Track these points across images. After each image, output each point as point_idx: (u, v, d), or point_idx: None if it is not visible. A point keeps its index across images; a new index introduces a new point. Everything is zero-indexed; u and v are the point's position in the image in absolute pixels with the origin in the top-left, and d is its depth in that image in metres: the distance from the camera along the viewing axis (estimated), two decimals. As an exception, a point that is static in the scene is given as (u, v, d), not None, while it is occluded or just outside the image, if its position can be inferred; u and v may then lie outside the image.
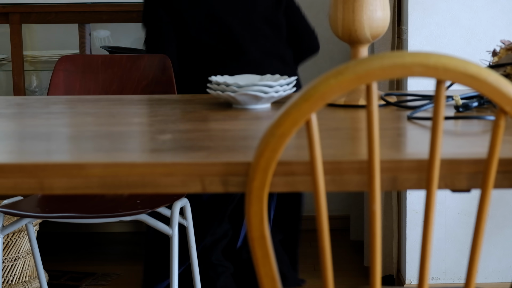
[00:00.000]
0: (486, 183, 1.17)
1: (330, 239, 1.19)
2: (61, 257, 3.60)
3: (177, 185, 1.26)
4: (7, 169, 1.26)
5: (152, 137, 1.53)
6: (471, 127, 1.56)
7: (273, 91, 1.76)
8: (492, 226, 2.98)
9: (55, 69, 2.67)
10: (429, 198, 1.17)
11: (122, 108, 1.85)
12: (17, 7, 3.47)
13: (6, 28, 3.51)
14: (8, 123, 1.71)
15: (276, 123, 1.16)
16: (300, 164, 1.24)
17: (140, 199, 2.38)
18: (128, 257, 3.65)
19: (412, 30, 2.95)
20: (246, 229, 1.22)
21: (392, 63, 1.12)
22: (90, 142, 1.48)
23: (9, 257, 3.01)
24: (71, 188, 1.26)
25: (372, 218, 1.17)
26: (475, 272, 1.20)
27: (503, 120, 1.15)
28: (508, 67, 1.76)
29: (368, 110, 1.15)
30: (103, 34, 3.91)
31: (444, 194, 2.91)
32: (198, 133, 1.55)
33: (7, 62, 3.70)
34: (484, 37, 2.94)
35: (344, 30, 1.75)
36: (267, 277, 1.22)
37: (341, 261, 3.44)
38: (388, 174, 1.23)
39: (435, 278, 3.03)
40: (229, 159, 1.28)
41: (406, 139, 1.52)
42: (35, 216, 2.35)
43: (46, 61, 3.70)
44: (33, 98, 2.08)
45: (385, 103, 1.76)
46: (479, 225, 1.18)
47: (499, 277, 3.03)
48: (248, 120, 1.66)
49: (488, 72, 1.13)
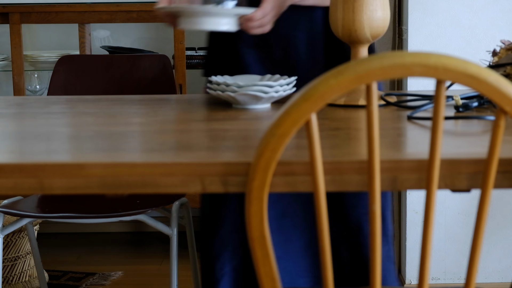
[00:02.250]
0: (486, 183, 1.17)
1: (330, 239, 1.19)
2: (61, 257, 3.60)
3: (177, 185, 1.25)
4: (7, 169, 1.26)
5: (152, 137, 1.53)
6: (471, 127, 1.56)
7: (273, 91, 1.76)
8: (492, 226, 2.99)
9: (55, 69, 2.68)
10: (429, 198, 1.17)
11: (122, 108, 1.85)
12: (17, 7, 3.47)
13: (6, 28, 3.51)
14: (8, 123, 1.71)
15: (276, 123, 1.16)
16: (300, 164, 1.24)
17: (140, 199, 2.38)
18: (128, 257, 3.65)
19: (412, 30, 2.95)
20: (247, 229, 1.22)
21: (392, 63, 1.12)
22: (90, 142, 1.48)
23: (9, 257, 3.01)
24: (71, 188, 1.26)
25: (372, 218, 1.17)
26: (475, 272, 1.20)
27: (503, 120, 1.15)
28: (508, 67, 1.76)
29: (368, 110, 1.15)
30: (103, 34, 3.92)
31: (444, 194, 2.91)
32: (198, 133, 1.55)
33: (7, 62, 3.70)
34: (484, 37, 2.94)
35: (344, 30, 1.75)
36: (267, 277, 1.22)
37: (341, 261, 3.44)
38: (388, 174, 1.23)
39: (435, 278, 3.03)
40: (229, 159, 1.28)
41: (406, 139, 1.52)
42: (35, 216, 2.35)
43: (46, 61, 3.71)
44: (33, 98, 2.08)
45: (385, 103, 1.76)
46: (479, 225, 1.18)
47: (499, 277, 3.04)
48: (248, 120, 1.66)
49: (488, 72, 1.13)
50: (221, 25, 1.81)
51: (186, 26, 1.82)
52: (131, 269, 3.42)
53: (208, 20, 1.81)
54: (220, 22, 1.81)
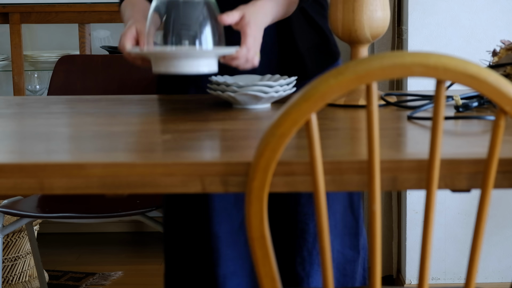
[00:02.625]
0: (486, 183, 1.17)
1: (330, 239, 1.19)
2: (61, 257, 3.60)
3: (177, 185, 1.25)
4: (7, 169, 1.26)
5: (152, 137, 1.53)
6: (471, 127, 1.56)
7: (273, 91, 1.76)
8: (492, 226, 2.99)
9: (55, 69, 2.68)
10: (429, 198, 1.17)
11: (122, 108, 1.85)
12: (17, 7, 3.47)
13: (6, 28, 3.51)
14: (8, 123, 1.71)
15: (276, 123, 1.16)
16: (300, 164, 1.24)
17: (140, 199, 2.38)
18: (128, 257, 3.65)
19: (412, 30, 2.95)
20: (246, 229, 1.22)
21: (392, 63, 1.12)
22: (90, 142, 1.48)
23: (9, 257, 3.01)
24: (71, 188, 1.26)
25: (372, 218, 1.17)
26: (475, 272, 1.20)
27: (503, 120, 1.15)
28: (508, 67, 1.76)
29: (368, 110, 1.15)
30: (103, 34, 3.92)
31: (444, 194, 2.91)
32: (198, 133, 1.55)
33: (7, 62, 3.70)
34: (484, 37, 2.94)
35: (344, 30, 1.75)
36: (267, 277, 1.22)
37: (341, 261, 3.44)
38: (388, 174, 1.23)
39: (435, 278, 3.03)
40: (229, 159, 1.28)
41: (406, 139, 1.52)
42: (35, 216, 2.35)
43: (46, 61, 3.71)
44: (33, 98, 2.08)
45: (385, 103, 1.76)
46: (479, 225, 1.19)
47: (499, 277, 3.04)
48: (248, 120, 1.66)
49: (488, 72, 1.13)
50: (201, 66, 1.64)
51: (161, 70, 1.65)
52: (131, 269, 3.42)
53: (187, 62, 1.63)
54: (200, 64, 1.64)
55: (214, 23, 1.69)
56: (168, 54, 1.64)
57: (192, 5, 1.70)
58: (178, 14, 1.69)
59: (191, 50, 1.66)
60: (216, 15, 1.70)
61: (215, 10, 1.71)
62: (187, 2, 1.70)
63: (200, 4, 1.69)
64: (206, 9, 1.70)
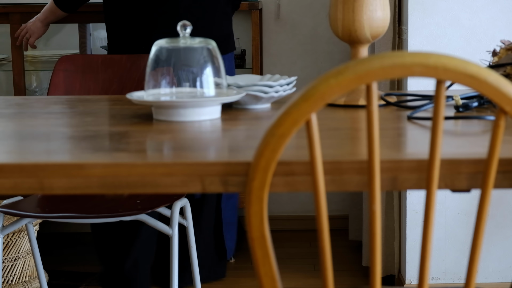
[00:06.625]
0: (486, 183, 1.17)
1: (330, 239, 1.19)
2: (61, 257, 3.60)
3: (177, 185, 1.26)
4: (7, 169, 1.26)
5: (151, 137, 1.53)
6: (471, 127, 1.56)
7: (273, 91, 1.76)
8: (492, 226, 2.98)
9: (55, 69, 2.67)
10: (429, 198, 1.17)
11: (122, 108, 1.85)
12: (17, 7, 3.47)
13: (6, 28, 3.51)
14: (8, 123, 1.71)
15: (276, 123, 1.16)
16: (300, 164, 1.24)
17: (140, 199, 2.38)
18: (128, 257, 3.64)
19: (412, 30, 2.95)
20: (247, 229, 1.22)
21: (392, 63, 1.12)
22: (90, 142, 1.48)
23: (9, 257, 3.01)
24: (71, 188, 1.26)
25: (372, 218, 1.17)
26: (475, 272, 1.20)
27: (503, 120, 1.15)
28: (508, 67, 1.76)
29: (368, 110, 1.15)
30: (103, 34, 3.91)
31: (444, 194, 2.91)
32: (198, 133, 1.55)
33: (7, 62, 3.70)
34: (484, 37, 2.94)
35: (344, 30, 1.75)
36: (267, 277, 1.22)
37: (339, 261, 3.44)
38: (388, 174, 1.23)
39: (435, 278, 3.03)
40: (229, 159, 1.28)
41: (406, 139, 1.52)
42: (35, 216, 2.35)
43: (46, 61, 3.70)
44: (33, 98, 2.08)
45: (385, 103, 1.76)
46: (479, 225, 1.19)
47: (499, 277, 3.03)
48: (248, 120, 1.66)
49: (488, 72, 1.13)
50: (203, 115, 1.62)
51: (162, 117, 1.63)
52: (131, 269, 3.41)
53: (190, 111, 1.61)
54: (202, 113, 1.62)
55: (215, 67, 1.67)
56: (170, 104, 1.62)
57: (193, 50, 1.67)
58: (179, 58, 1.67)
59: (194, 100, 1.62)
60: (218, 59, 1.68)
61: (217, 54, 1.68)
62: (188, 48, 1.67)
63: (201, 49, 1.67)
64: (207, 54, 1.67)
